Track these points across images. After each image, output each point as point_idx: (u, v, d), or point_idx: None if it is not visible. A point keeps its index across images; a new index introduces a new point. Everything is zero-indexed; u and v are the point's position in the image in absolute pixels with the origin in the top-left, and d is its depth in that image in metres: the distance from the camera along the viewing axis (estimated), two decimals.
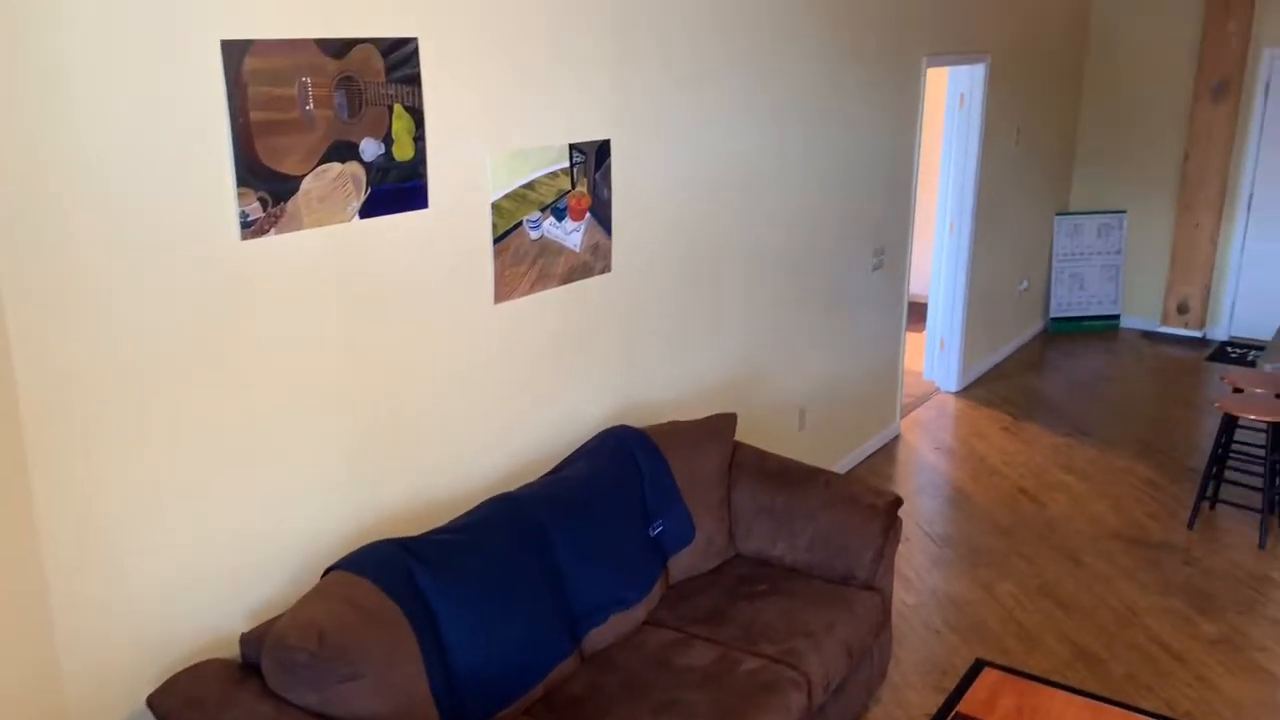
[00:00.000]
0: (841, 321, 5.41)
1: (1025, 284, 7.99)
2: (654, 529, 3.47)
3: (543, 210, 3.38)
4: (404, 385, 3.03)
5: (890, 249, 5.79)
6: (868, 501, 3.60)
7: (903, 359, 6.20)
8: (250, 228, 2.55)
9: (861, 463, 5.85)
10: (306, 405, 2.77)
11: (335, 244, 2.76)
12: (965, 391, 7.04)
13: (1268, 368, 4.63)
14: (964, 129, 6.60)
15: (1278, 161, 7.81)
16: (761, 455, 3.82)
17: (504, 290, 3.30)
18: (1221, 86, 7.73)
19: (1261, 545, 4.89)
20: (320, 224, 2.71)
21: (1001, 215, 7.25)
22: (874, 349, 5.82)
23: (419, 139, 2.93)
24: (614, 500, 3.33)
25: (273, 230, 2.60)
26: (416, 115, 2.91)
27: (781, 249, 4.75)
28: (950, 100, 6.62)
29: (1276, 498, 5.08)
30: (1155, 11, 8.00)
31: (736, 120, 4.27)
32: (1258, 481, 5.39)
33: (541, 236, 3.40)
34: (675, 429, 3.71)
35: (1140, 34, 8.10)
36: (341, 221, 2.77)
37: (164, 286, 2.40)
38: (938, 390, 7.06)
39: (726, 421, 3.80)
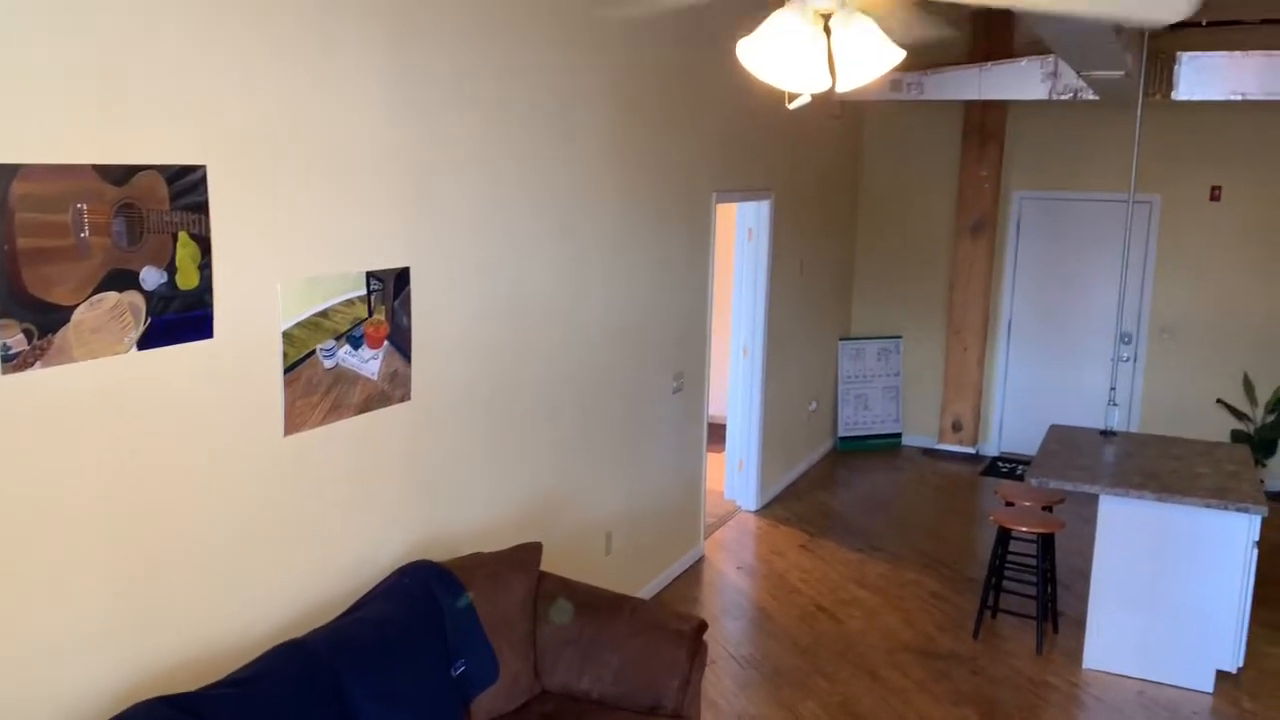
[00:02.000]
0: (645, 444, 5.48)
1: (815, 405, 8.38)
2: (456, 669, 3.34)
3: (338, 338, 3.30)
4: (182, 525, 2.83)
5: (689, 372, 5.96)
6: (673, 627, 3.60)
7: (705, 479, 6.33)
8: (12, 361, 2.35)
9: (668, 585, 5.87)
10: (70, 550, 2.53)
11: (110, 377, 2.59)
12: (764, 510, 7.24)
13: (1034, 482, 5.00)
14: (753, 260, 6.97)
15: (1031, 290, 8.62)
16: (567, 585, 3.77)
17: (295, 421, 3.17)
18: (978, 224, 8.52)
19: (1039, 651, 5.19)
20: (93, 356, 2.54)
21: (790, 340, 7.64)
22: (677, 470, 5.92)
23: (205, 267, 2.81)
24: (412, 642, 3.18)
25: (38, 364, 2.41)
26: (203, 243, 2.80)
27: (584, 374, 4.81)
28: (740, 234, 6.99)
29: (1049, 605, 5.42)
30: (918, 156, 8.79)
31: (539, 250, 4.35)
32: (1033, 590, 5.75)
33: (336, 365, 3.30)
34: (478, 561, 3.61)
35: (906, 175, 8.86)
36: (118, 353, 2.60)
37: None
38: (739, 509, 7.23)
39: (531, 551, 3.74)
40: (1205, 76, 6.87)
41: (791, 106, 2.72)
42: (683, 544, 6.11)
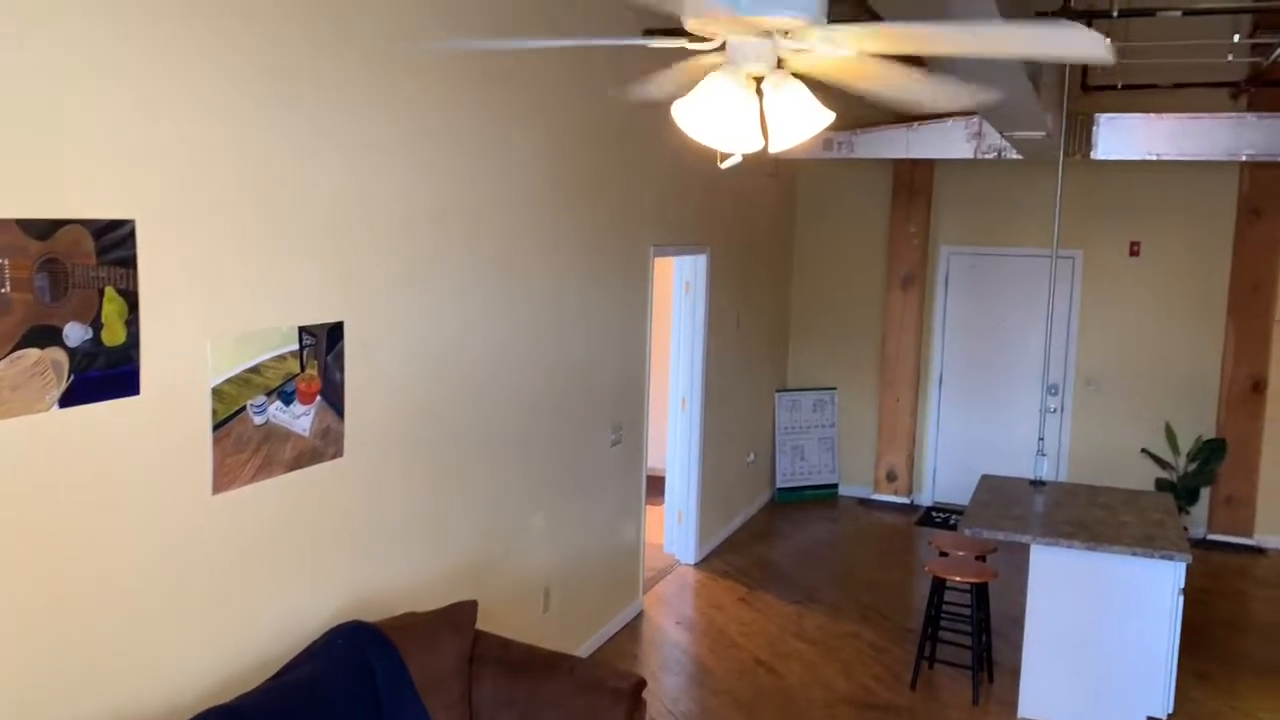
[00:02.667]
0: (584, 498, 5.45)
1: (753, 456, 8.42)
2: None
3: (269, 394, 3.24)
4: (105, 588, 2.73)
5: (628, 425, 5.96)
6: (612, 686, 3.55)
7: (644, 533, 6.30)
8: None
9: (608, 641, 5.80)
10: None
11: (29, 436, 2.51)
12: (703, 563, 7.22)
13: (967, 532, 5.07)
14: (691, 313, 7.02)
15: (961, 343, 8.81)
16: (504, 644, 3.71)
17: (224, 480, 3.09)
18: (908, 278, 8.71)
19: (975, 701, 5.22)
20: (11, 415, 2.46)
21: (728, 392, 7.69)
22: (616, 524, 5.89)
23: (131, 322, 2.75)
24: (343, 705, 3.10)
25: None
26: (130, 298, 2.74)
27: (522, 428, 4.78)
28: (677, 287, 7.05)
29: (984, 654, 5.47)
30: (850, 212, 8.98)
31: (477, 304, 4.33)
32: (968, 640, 5.80)
33: (267, 422, 3.24)
34: (411, 622, 3.54)
35: (839, 230, 9.04)
36: (38, 411, 2.52)
37: None
38: (678, 563, 7.20)
39: (466, 610, 3.68)
40: (1122, 137, 7.16)
41: (724, 166, 2.77)
42: (622, 599, 6.06)
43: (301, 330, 3.36)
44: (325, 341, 3.47)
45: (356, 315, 3.62)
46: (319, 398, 3.46)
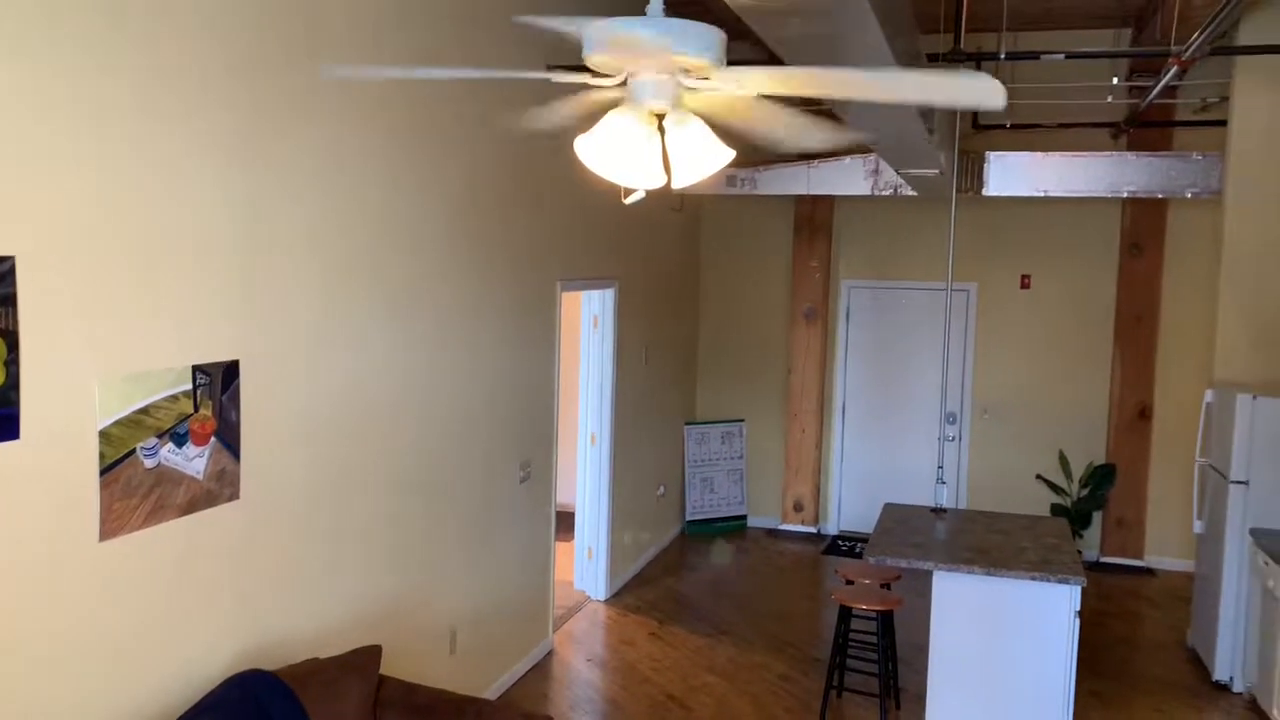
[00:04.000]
0: (492, 536, 5.38)
1: (663, 489, 8.44)
2: None
3: (160, 436, 3.13)
4: None
5: (536, 461, 5.91)
6: None
7: (553, 570, 6.24)
8: None
9: (517, 682, 5.71)
10: None
11: None
12: (614, 598, 7.18)
13: (872, 560, 5.15)
14: (599, 347, 7.03)
15: (862, 375, 8.99)
16: (409, 689, 3.62)
17: (111, 526, 2.96)
18: (811, 312, 8.87)
19: None
20: None
21: (637, 426, 7.70)
22: (525, 562, 5.82)
23: (11, 363, 2.63)
24: None
25: None
26: (10, 338, 2.62)
27: (428, 467, 4.70)
28: (585, 321, 7.05)
29: (891, 682, 5.54)
30: (754, 247, 9.13)
31: (379, 341, 4.26)
32: (875, 668, 5.87)
33: (158, 465, 3.12)
34: (313, 669, 3.43)
35: (743, 265, 9.18)
36: None
37: None
38: (588, 599, 7.14)
39: (370, 655, 3.58)
40: (1011, 175, 7.44)
41: (627, 201, 2.78)
42: (531, 638, 5.98)
43: (195, 369, 3.26)
44: (220, 380, 3.37)
45: (253, 353, 3.53)
46: (214, 439, 3.35)
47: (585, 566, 7.18)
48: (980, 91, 2.14)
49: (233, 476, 3.45)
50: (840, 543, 8.79)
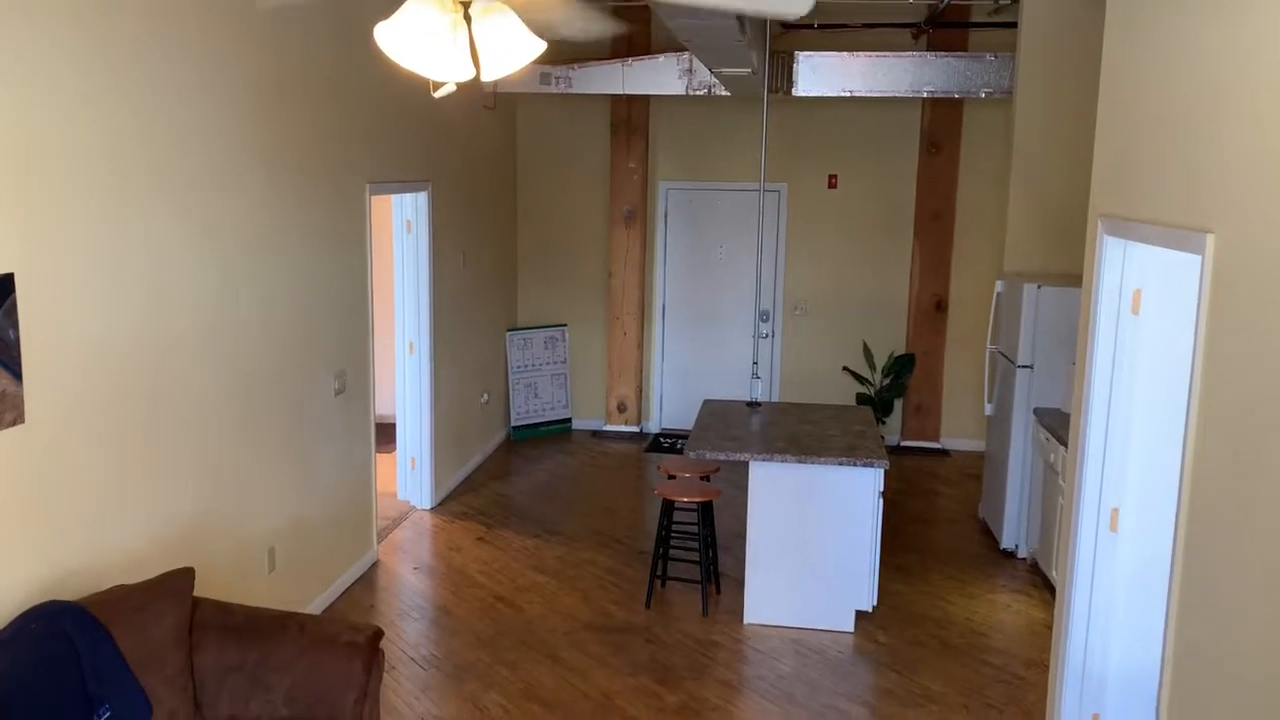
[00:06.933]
0: (308, 450, 5.22)
1: (486, 397, 8.39)
2: (99, 716, 3.00)
3: None
4: None
5: (352, 372, 5.74)
6: (346, 639, 3.45)
7: (375, 481, 6.14)
8: None
9: (341, 595, 5.64)
10: None
11: None
12: (440, 507, 7.15)
13: (692, 455, 5.30)
14: (414, 253, 6.83)
15: (680, 275, 9.13)
16: (226, 609, 3.51)
17: None
18: (631, 213, 8.89)
19: (705, 613, 5.52)
20: None
21: (458, 333, 7.58)
22: (345, 474, 5.69)
23: None
24: (43, 694, 2.82)
25: None
26: None
27: (238, 383, 4.48)
28: (398, 226, 6.83)
29: (712, 569, 5.79)
30: (571, 148, 9.02)
31: (178, 250, 3.98)
32: (696, 556, 6.11)
33: None
34: (120, 595, 3.27)
35: (562, 166, 9.07)
36: None
37: None
38: (413, 509, 7.08)
39: (182, 578, 3.44)
40: (819, 75, 7.59)
41: (436, 95, 2.67)
42: (355, 551, 5.89)
43: None
44: None
45: (33, 265, 3.23)
46: None
47: (409, 476, 7.10)
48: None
49: (15, 399, 3.18)
50: (663, 440, 9.01)
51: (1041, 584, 6.01)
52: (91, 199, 3.51)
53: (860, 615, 5.49)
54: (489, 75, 2.41)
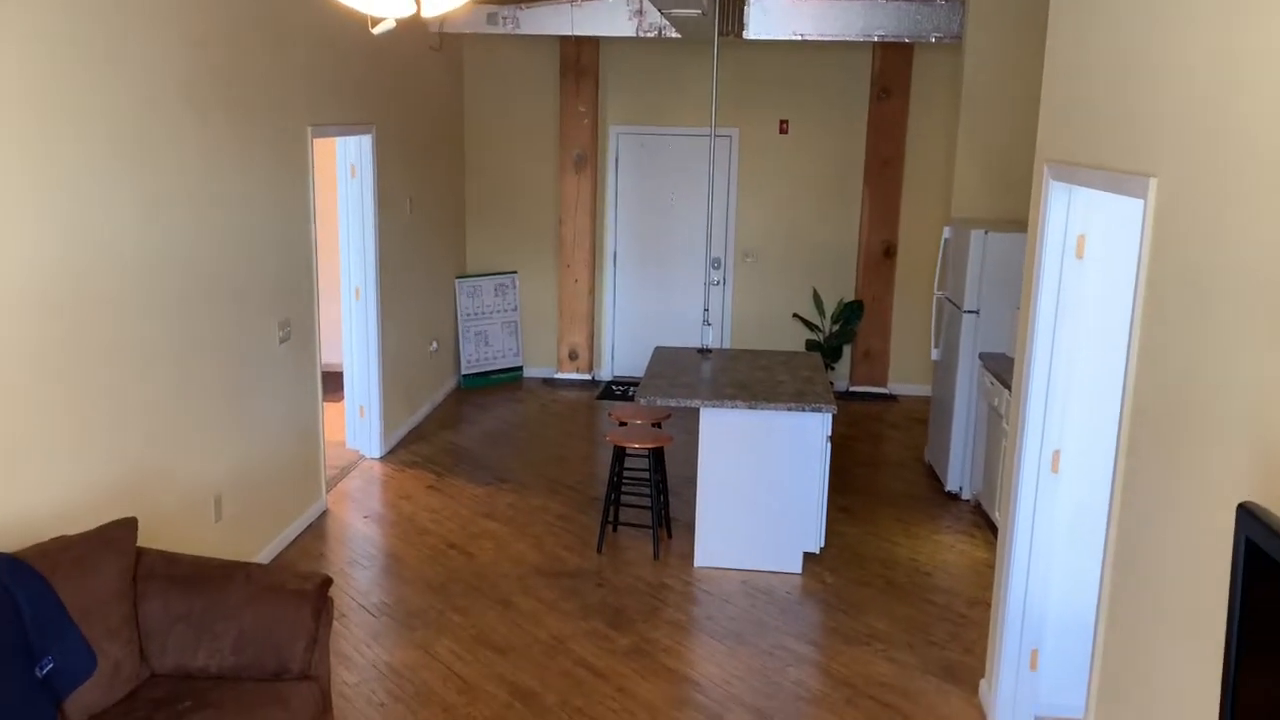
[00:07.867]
0: (253, 399, 5.14)
1: (435, 345, 8.32)
2: (42, 668, 2.96)
3: None
4: None
5: (297, 320, 5.65)
6: (295, 588, 3.43)
7: (322, 431, 6.08)
8: None
9: (290, 544, 5.60)
10: None
11: None
12: (390, 456, 7.11)
13: (643, 401, 5.31)
14: (358, 199, 6.71)
15: (633, 222, 9.07)
16: (171, 559, 3.46)
17: None
18: (581, 158, 8.79)
19: (656, 556, 5.57)
20: None
21: (406, 280, 7.48)
22: (291, 423, 5.62)
23: None
24: None
25: None
26: None
27: (177, 329, 4.39)
28: (342, 171, 6.69)
29: (663, 513, 5.83)
30: (519, 91, 8.87)
31: (112, 197, 3.86)
32: (647, 501, 6.15)
33: None
34: (61, 545, 3.21)
35: (510, 110, 8.92)
36: None
37: None
38: (362, 458, 7.04)
39: (125, 527, 3.38)
40: (771, 18, 7.51)
41: (375, 31, 2.60)
42: (303, 500, 5.85)
43: None
44: None
45: None
46: None
47: (358, 425, 7.04)
48: None
49: None
50: (615, 387, 9.02)
51: (984, 525, 6.14)
52: (11, 139, 3.38)
53: (808, 557, 5.57)
54: (430, 11, 2.34)
